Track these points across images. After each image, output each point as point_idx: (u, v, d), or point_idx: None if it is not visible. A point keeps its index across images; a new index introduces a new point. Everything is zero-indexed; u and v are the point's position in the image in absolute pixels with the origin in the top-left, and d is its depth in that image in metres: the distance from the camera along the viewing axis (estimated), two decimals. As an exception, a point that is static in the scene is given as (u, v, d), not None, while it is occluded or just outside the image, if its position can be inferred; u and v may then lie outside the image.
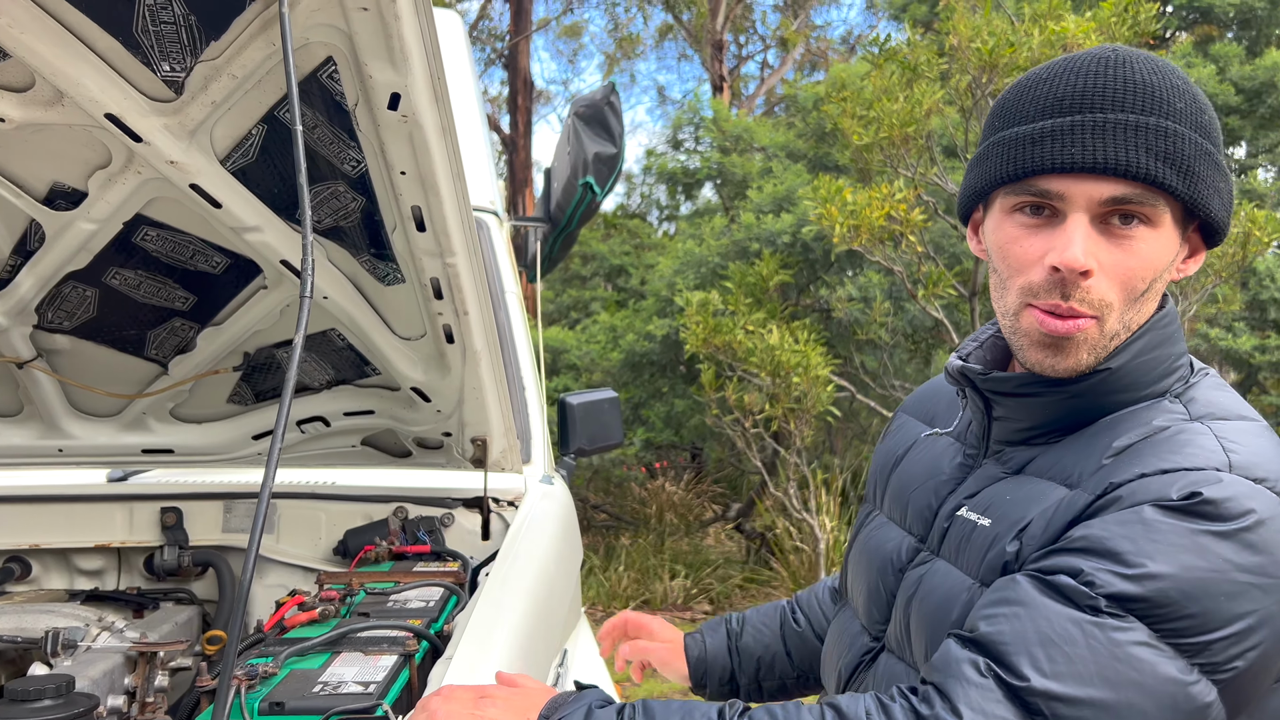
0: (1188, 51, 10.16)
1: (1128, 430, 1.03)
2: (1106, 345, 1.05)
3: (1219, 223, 1.05)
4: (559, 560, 2.16)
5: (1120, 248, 1.01)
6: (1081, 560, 0.93)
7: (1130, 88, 1.01)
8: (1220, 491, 0.92)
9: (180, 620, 2.09)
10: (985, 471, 1.16)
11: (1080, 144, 1.00)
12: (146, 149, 1.45)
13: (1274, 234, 6.79)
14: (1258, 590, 0.90)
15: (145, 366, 2.05)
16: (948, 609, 1.08)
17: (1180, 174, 0.99)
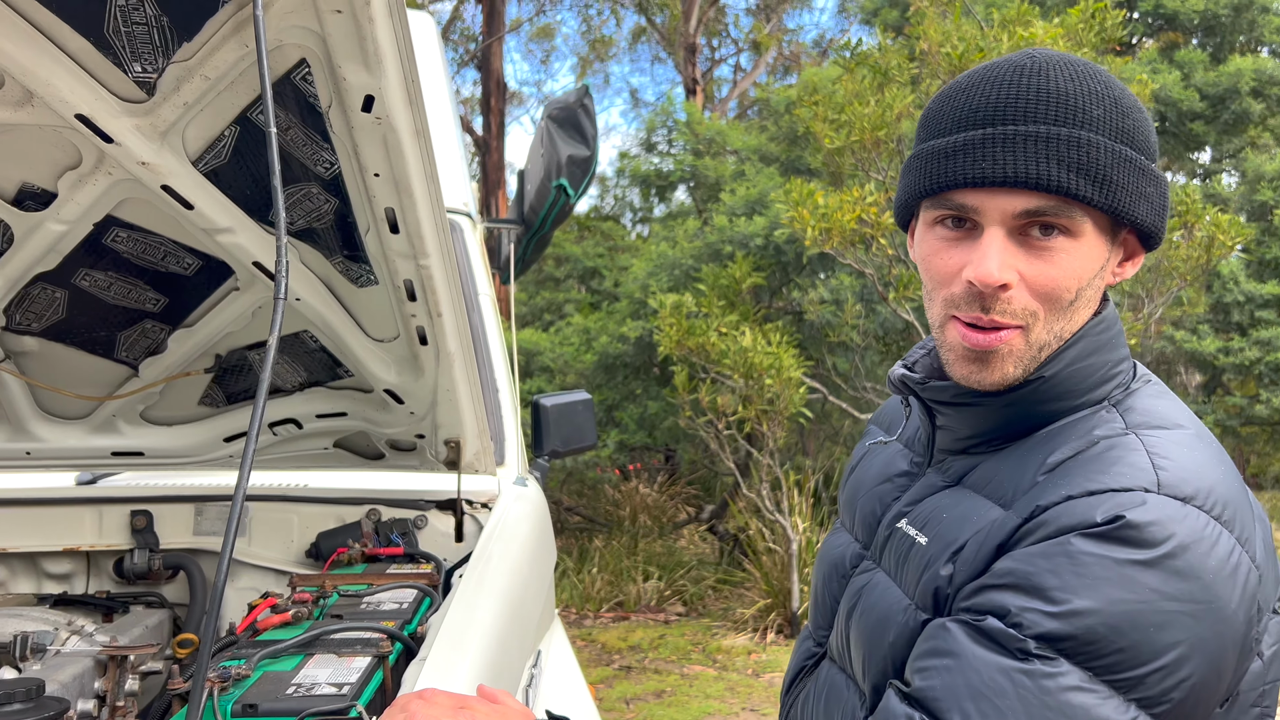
0: (1153, 58, 10.31)
1: (1063, 443, 1.01)
2: (1036, 356, 1.03)
3: (1149, 227, 1.03)
4: (532, 562, 2.16)
5: (1041, 259, 1.00)
6: (1009, 598, 0.91)
7: (1044, 97, 0.99)
8: (1144, 515, 0.90)
9: (151, 624, 2.08)
10: (928, 480, 1.15)
11: (991, 158, 0.99)
12: (117, 150, 1.45)
13: (1237, 237, 6.90)
14: (1187, 618, 0.88)
15: (115, 368, 2.04)
16: (884, 628, 1.08)
17: (1095, 184, 0.98)
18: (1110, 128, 0.99)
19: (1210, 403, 9.66)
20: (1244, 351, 8.78)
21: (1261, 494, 19.40)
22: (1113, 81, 1.02)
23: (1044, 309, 1.01)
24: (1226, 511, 0.94)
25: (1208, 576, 0.89)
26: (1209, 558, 0.90)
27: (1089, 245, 1.01)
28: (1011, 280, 1.00)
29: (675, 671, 6.03)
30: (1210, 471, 0.96)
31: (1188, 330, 9.29)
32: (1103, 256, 1.03)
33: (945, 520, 1.06)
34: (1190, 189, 7.29)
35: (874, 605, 1.12)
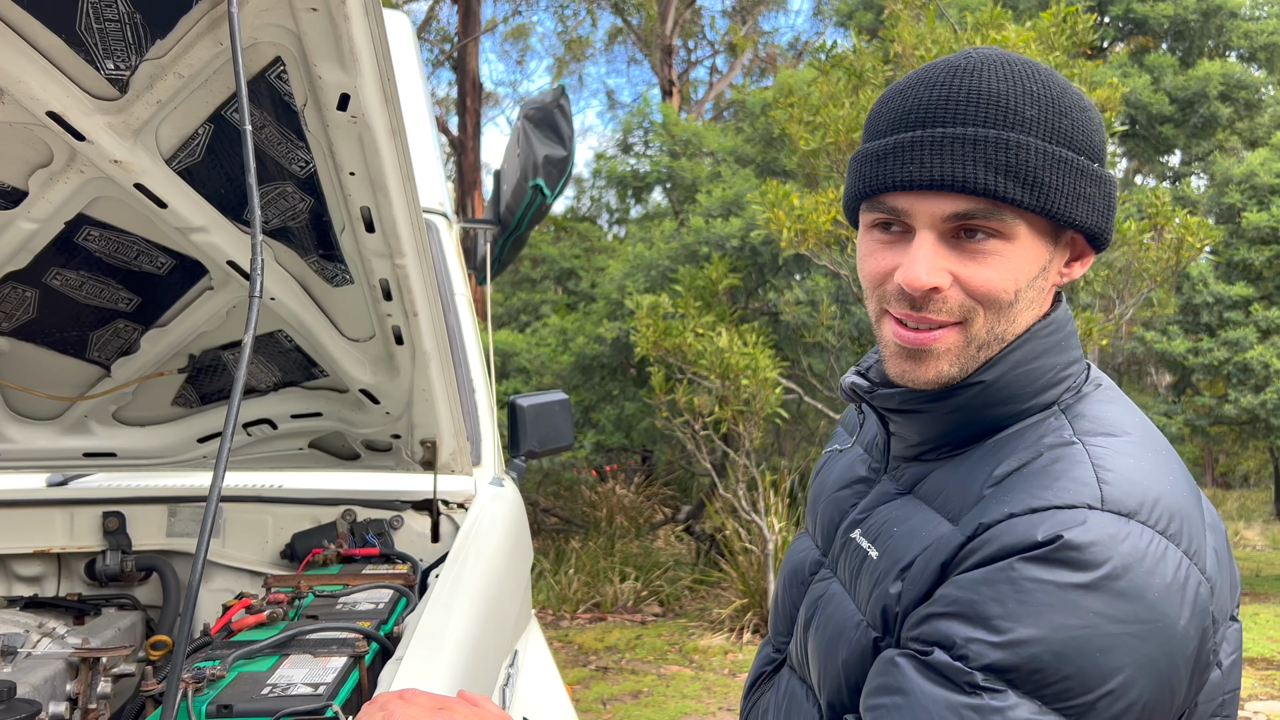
0: (1124, 61, 10.43)
1: (1011, 453, 0.99)
2: (974, 355, 1.02)
3: (1091, 229, 1.01)
4: (509, 562, 2.16)
5: (975, 261, 0.99)
6: (955, 627, 0.90)
7: (974, 99, 0.97)
8: (1085, 535, 0.88)
9: (123, 626, 2.06)
10: (882, 488, 1.14)
11: (919, 161, 0.98)
12: (89, 148, 1.43)
13: (1206, 240, 7.00)
14: (1133, 639, 0.87)
15: (87, 369, 2.02)
16: (837, 644, 1.07)
17: (1024, 186, 0.96)
18: (1045, 129, 0.97)
19: (1180, 403, 9.79)
20: (1213, 352, 8.91)
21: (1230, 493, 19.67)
22: (1053, 81, 1.00)
23: (982, 308, 1.00)
24: (1173, 524, 0.92)
25: (1153, 595, 0.88)
26: (1154, 575, 0.88)
27: (1024, 247, 0.99)
28: (942, 283, 0.99)
29: (652, 672, 6.04)
30: (1156, 482, 0.94)
31: (1158, 331, 9.41)
32: (1042, 258, 1.01)
33: (895, 534, 1.04)
34: (1160, 191, 7.38)
35: (829, 618, 1.10)
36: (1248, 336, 8.76)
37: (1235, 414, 8.90)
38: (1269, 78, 10.87)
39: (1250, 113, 10.57)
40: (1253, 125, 10.73)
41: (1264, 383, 8.65)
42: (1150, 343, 9.40)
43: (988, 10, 6.84)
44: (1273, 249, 8.93)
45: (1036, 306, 1.03)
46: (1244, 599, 8.68)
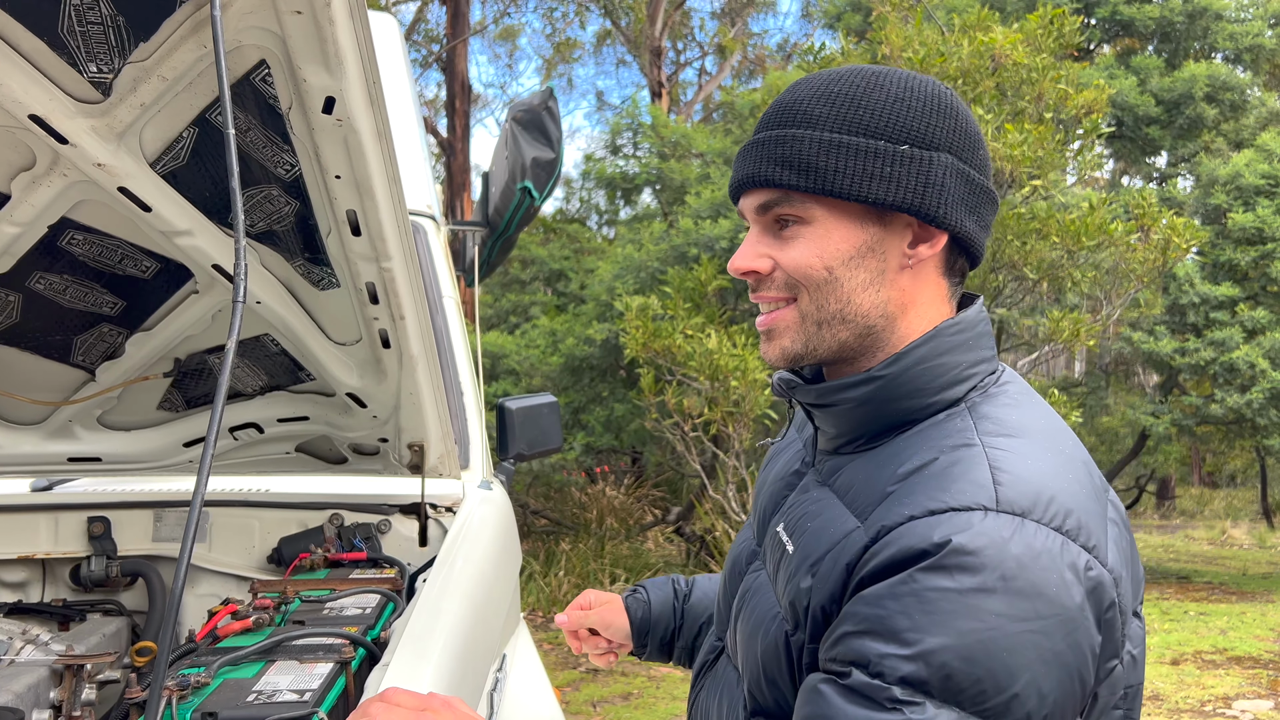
0: (1110, 63, 10.48)
1: (913, 453, 1.03)
2: (816, 332, 1.10)
3: (902, 205, 1.06)
4: (497, 565, 2.15)
5: (785, 244, 1.10)
6: (867, 644, 0.92)
7: (776, 108, 1.11)
8: (972, 540, 0.91)
9: (108, 632, 2.05)
10: (808, 481, 1.19)
11: (738, 165, 1.13)
12: (73, 151, 1.42)
13: (1193, 240, 7.04)
14: (1037, 635, 0.89)
15: (71, 373, 2.00)
16: (757, 635, 1.12)
17: (798, 172, 1.07)
18: (832, 122, 1.07)
19: (1167, 402, 9.83)
20: (1199, 352, 8.95)
21: (1217, 492, 19.76)
22: (869, 81, 1.09)
23: (802, 285, 1.09)
24: (1069, 520, 0.94)
25: (1051, 590, 0.90)
26: (1050, 572, 0.91)
27: (825, 228, 1.08)
28: (761, 266, 1.11)
29: (642, 674, 6.03)
30: (1053, 481, 0.97)
31: (1145, 331, 9.45)
32: (855, 238, 1.08)
33: (809, 530, 1.08)
34: (1146, 192, 7.42)
35: (754, 609, 1.15)
36: (1234, 336, 8.81)
37: (1222, 413, 8.95)
38: (1254, 79, 10.93)
39: (1236, 114, 10.63)
40: (1238, 127, 10.79)
41: (1250, 382, 8.70)
42: (1137, 343, 9.44)
43: (975, 12, 6.86)
44: (1258, 249, 8.98)
45: (882, 288, 1.09)
46: (1231, 599, 8.73)
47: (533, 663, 2.41)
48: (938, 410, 1.07)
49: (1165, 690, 5.80)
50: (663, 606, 1.57)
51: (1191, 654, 6.65)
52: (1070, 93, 6.70)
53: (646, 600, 1.57)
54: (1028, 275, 6.67)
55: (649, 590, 1.59)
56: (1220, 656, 6.60)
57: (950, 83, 6.42)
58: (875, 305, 1.10)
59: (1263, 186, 9.13)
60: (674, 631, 1.57)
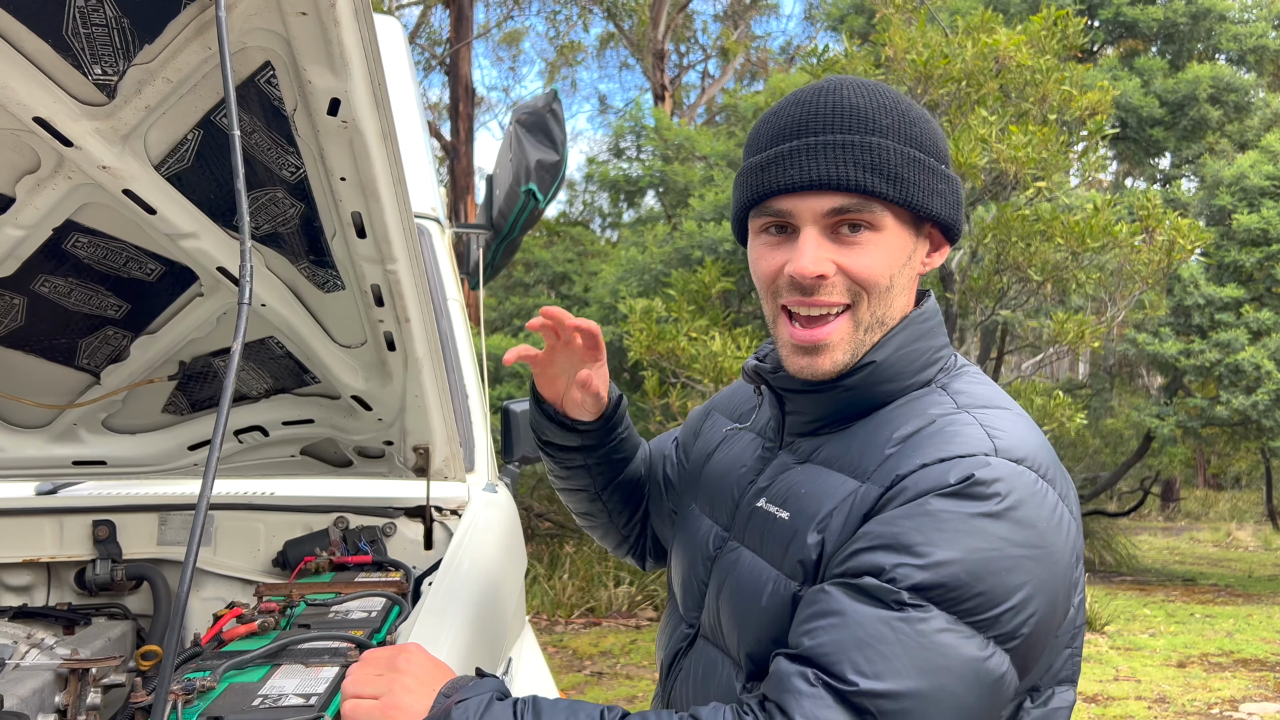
0: (1114, 65, 10.46)
1: (905, 421, 1.13)
2: (862, 339, 1.17)
3: (945, 219, 1.18)
4: (503, 569, 2.15)
5: (854, 251, 1.14)
6: (881, 556, 1.02)
7: (839, 111, 1.14)
8: (989, 473, 1.03)
9: (113, 636, 2.04)
10: (779, 461, 1.26)
11: (799, 165, 1.13)
12: (77, 154, 1.42)
13: (1197, 241, 7.02)
14: (1030, 561, 1.02)
15: (76, 376, 2.00)
16: (756, 598, 1.17)
17: (889, 181, 1.12)
18: (898, 134, 1.14)
19: (1172, 404, 9.80)
20: (1204, 353, 8.93)
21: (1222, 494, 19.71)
22: (900, 97, 1.18)
23: (866, 292, 1.15)
24: (1049, 473, 1.08)
25: (1042, 525, 1.04)
26: (1041, 510, 1.04)
27: (892, 237, 1.15)
28: (828, 270, 1.13)
29: (647, 677, 6.02)
30: (1030, 440, 1.10)
31: (1149, 333, 9.43)
32: (908, 247, 1.17)
33: (804, 495, 1.17)
34: (1151, 194, 7.40)
35: (742, 580, 1.20)
36: (1239, 338, 8.78)
37: (1227, 415, 8.92)
38: (1258, 80, 10.92)
39: (1240, 115, 10.61)
40: (1242, 128, 10.77)
41: (1255, 384, 8.68)
42: (1142, 344, 9.42)
43: (978, 14, 6.86)
44: (1263, 251, 8.96)
45: (907, 294, 1.19)
46: (1237, 600, 8.70)
47: (538, 666, 2.41)
48: (913, 390, 1.18)
49: (1172, 693, 5.78)
50: (631, 438, 1.56)
51: (1198, 656, 6.63)
52: (1074, 94, 6.69)
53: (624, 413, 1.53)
54: (1032, 277, 6.65)
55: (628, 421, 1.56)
56: (1227, 659, 6.58)
57: (954, 85, 6.41)
58: (899, 309, 1.19)
59: (1267, 188, 9.11)
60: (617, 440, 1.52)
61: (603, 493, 1.58)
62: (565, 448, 1.52)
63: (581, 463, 1.53)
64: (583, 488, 1.58)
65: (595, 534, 1.69)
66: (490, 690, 1.11)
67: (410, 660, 1.14)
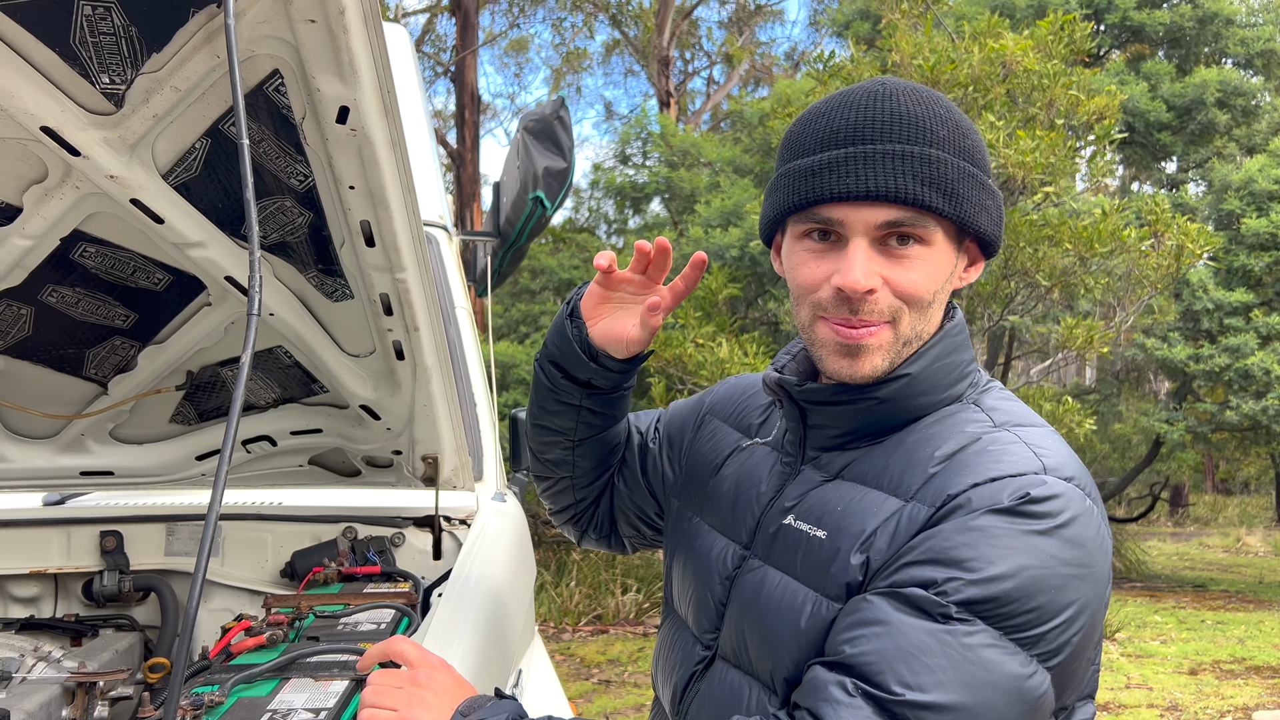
0: (1121, 69, 10.44)
1: (944, 438, 1.11)
2: (900, 350, 1.13)
3: (990, 236, 1.15)
4: (512, 579, 2.13)
5: (902, 265, 1.10)
6: (931, 570, 1.00)
7: (896, 119, 1.09)
8: (1044, 491, 1.02)
9: (120, 648, 2.03)
10: (805, 478, 1.21)
11: (855, 174, 1.08)
12: (85, 163, 1.41)
13: (1206, 246, 6.99)
14: (1078, 580, 1.01)
15: (84, 386, 1.99)
16: (793, 618, 1.12)
17: (945, 196, 1.09)
18: (954, 147, 1.10)
19: (1181, 409, 9.76)
20: (1213, 358, 8.89)
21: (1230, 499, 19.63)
22: (952, 106, 1.14)
23: (908, 308, 1.11)
24: (1093, 493, 1.07)
25: (1090, 544, 1.03)
26: (1089, 528, 1.03)
27: (940, 252, 1.12)
28: (876, 285, 1.10)
29: (655, 685, 5.99)
30: (1074, 459, 1.09)
31: (1158, 338, 9.39)
32: (951, 262, 1.14)
33: (841, 513, 1.12)
34: (1159, 198, 7.38)
35: (774, 601, 1.15)
36: (1248, 343, 8.74)
37: (1237, 420, 8.88)
38: (1266, 84, 10.89)
39: (1247, 119, 10.58)
40: (1250, 132, 10.74)
41: (1265, 389, 8.63)
42: (1151, 349, 9.38)
43: (985, 19, 6.84)
44: (1272, 255, 8.92)
45: (942, 308, 1.17)
46: (1248, 607, 8.64)
47: (548, 676, 2.39)
48: (945, 404, 1.16)
49: (1184, 700, 5.74)
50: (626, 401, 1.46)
51: (1210, 664, 6.59)
52: (1081, 99, 6.67)
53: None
54: (1040, 282, 6.63)
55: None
56: (1239, 666, 6.53)
57: (961, 90, 6.40)
58: (934, 323, 1.17)
59: (1276, 192, 9.07)
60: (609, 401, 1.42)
61: (578, 445, 1.48)
62: (570, 377, 1.40)
63: (577, 402, 1.42)
64: (562, 430, 1.46)
65: (548, 492, 1.57)
66: (507, 712, 1.09)
67: (433, 676, 1.12)
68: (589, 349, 1.36)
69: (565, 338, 1.37)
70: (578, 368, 1.38)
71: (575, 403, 1.43)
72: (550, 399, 1.45)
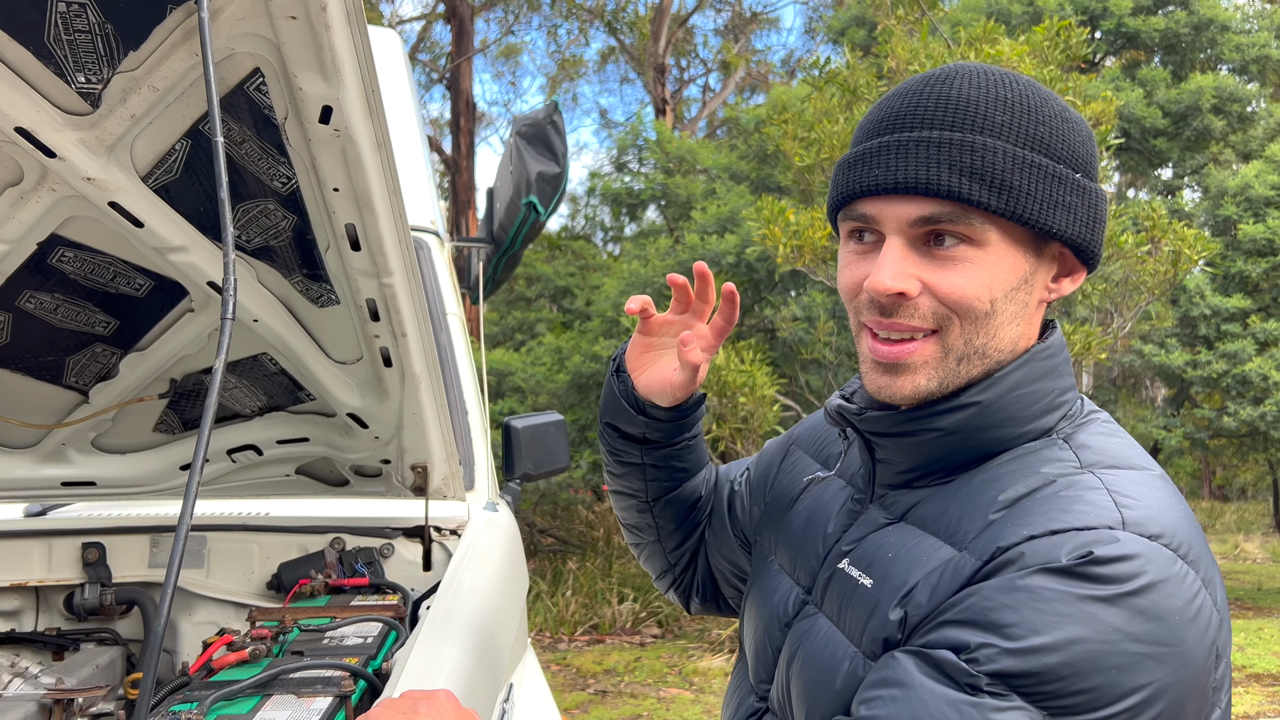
0: (1116, 75, 10.45)
1: (1015, 480, 0.96)
2: (954, 369, 0.99)
3: (1073, 238, 0.98)
4: (504, 590, 2.09)
5: (945, 267, 0.97)
6: (965, 633, 0.87)
7: (943, 104, 0.97)
8: (1113, 550, 0.85)
9: (101, 663, 1.98)
10: (869, 517, 1.09)
11: (884, 165, 0.97)
12: (61, 165, 1.37)
13: (1203, 252, 6.97)
14: (1151, 661, 0.83)
15: (64, 395, 1.95)
16: (830, 677, 1.01)
17: (991, 188, 0.94)
18: (1015, 134, 0.95)
19: (1179, 416, 9.74)
20: (1211, 364, 8.87)
21: (1228, 505, 19.62)
22: (1034, 90, 0.98)
23: (957, 317, 0.97)
24: (1192, 552, 0.89)
25: (1174, 618, 0.84)
26: (1175, 598, 0.85)
27: (998, 255, 0.96)
28: (910, 289, 0.96)
29: (651, 695, 5.94)
30: (1173, 510, 0.91)
31: (1156, 344, 9.38)
32: (1021, 268, 0.98)
33: (891, 560, 1.00)
34: (1156, 204, 7.36)
35: (816, 653, 1.05)
36: (1246, 349, 8.72)
37: (1235, 426, 8.86)
38: (1261, 90, 10.89)
39: (1243, 125, 10.58)
40: (1246, 138, 10.74)
41: (1263, 395, 8.61)
42: (1148, 355, 9.37)
43: (981, 25, 6.83)
44: (1269, 261, 8.91)
45: (1021, 322, 1.00)
46: (1247, 614, 8.61)
47: (540, 690, 2.34)
48: (1028, 439, 1.00)
49: (1184, 709, 5.70)
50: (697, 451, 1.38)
51: (1210, 672, 6.55)
52: (1077, 105, 6.65)
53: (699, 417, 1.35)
54: (1038, 288, 6.60)
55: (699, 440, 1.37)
56: (1239, 674, 6.49)
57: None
58: (1011, 340, 1.00)
59: (1273, 197, 9.07)
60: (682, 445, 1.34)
61: (654, 504, 1.39)
62: (626, 435, 1.32)
63: (638, 460, 1.34)
64: (634, 492, 1.39)
65: (641, 556, 1.50)
66: None
67: (434, 707, 1.02)
68: (636, 402, 1.28)
69: (613, 394, 1.30)
70: (628, 423, 1.30)
71: (637, 460, 1.35)
72: (614, 461, 1.38)
